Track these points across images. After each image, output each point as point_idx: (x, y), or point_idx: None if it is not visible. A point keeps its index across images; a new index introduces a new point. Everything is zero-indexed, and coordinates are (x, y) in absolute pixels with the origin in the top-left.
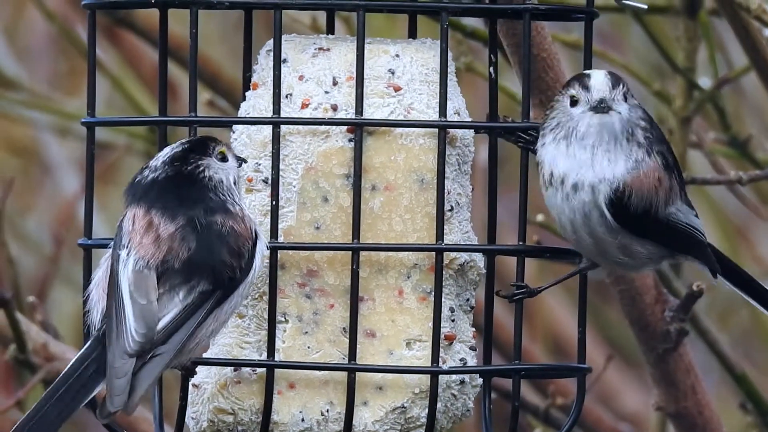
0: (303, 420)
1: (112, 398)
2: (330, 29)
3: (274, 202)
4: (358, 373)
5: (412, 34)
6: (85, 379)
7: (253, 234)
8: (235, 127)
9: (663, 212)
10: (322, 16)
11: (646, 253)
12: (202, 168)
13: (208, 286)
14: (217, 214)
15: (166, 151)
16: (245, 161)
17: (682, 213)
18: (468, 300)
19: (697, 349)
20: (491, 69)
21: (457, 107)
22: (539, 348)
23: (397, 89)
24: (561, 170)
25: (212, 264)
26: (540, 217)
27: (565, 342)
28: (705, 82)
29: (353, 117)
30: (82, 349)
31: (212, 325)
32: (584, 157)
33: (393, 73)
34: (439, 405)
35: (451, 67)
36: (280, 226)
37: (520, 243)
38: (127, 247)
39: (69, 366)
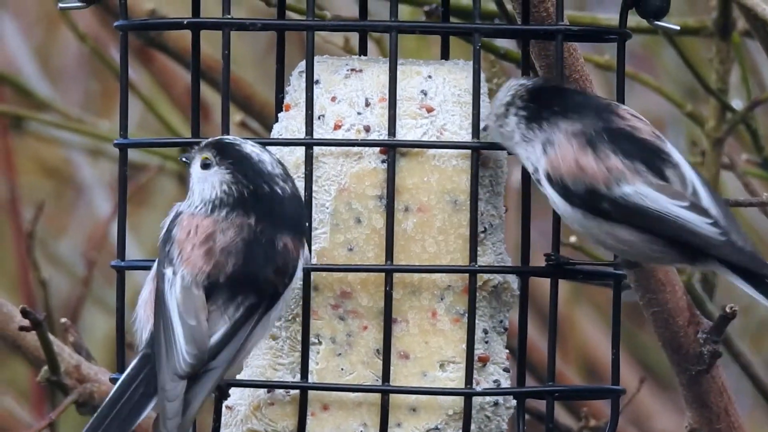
0: None
1: (166, 422)
2: (362, 50)
3: (307, 224)
4: (391, 395)
5: (445, 55)
6: (134, 402)
7: (299, 252)
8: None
9: (611, 193)
10: (354, 37)
11: (639, 242)
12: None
13: (254, 300)
14: (274, 230)
15: (270, 169)
16: None
17: (645, 196)
18: (501, 321)
19: (730, 371)
20: None
21: None
22: (572, 370)
23: (429, 110)
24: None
25: (257, 281)
26: (573, 239)
27: (598, 364)
28: (738, 103)
29: (386, 138)
30: (128, 370)
31: (260, 334)
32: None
33: (426, 94)
34: (472, 427)
35: (484, 88)
36: (313, 247)
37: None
38: (173, 264)
39: (116, 388)
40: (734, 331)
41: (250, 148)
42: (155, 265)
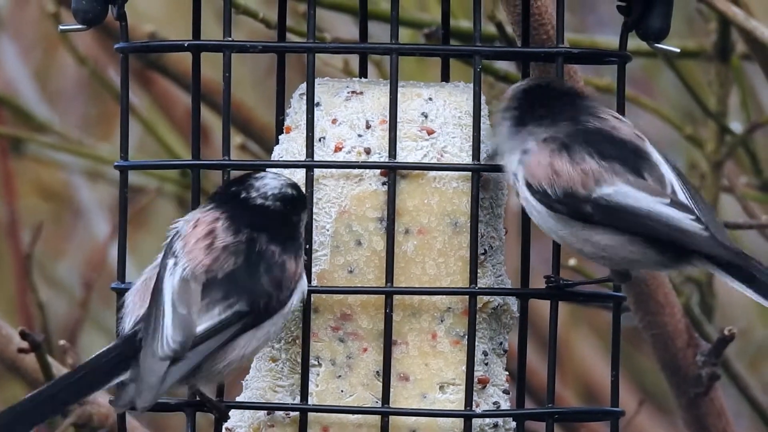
0: None
1: (141, 393)
2: (363, 73)
3: (307, 246)
4: (391, 417)
5: (445, 77)
6: (107, 368)
7: (299, 275)
8: (268, 170)
9: (591, 195)
10: (353, 60)
11: (618, 245)
12: (298, 218)
13: (245, 308)
14: (279, 245)
15: (275, 185)
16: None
17: (626, 195)
18: (501, 344)
19: (728, 393)
20: None
21: (490, 150)
22: (570, 393)
23: (430, 132)
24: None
25: (252, 287)
26: (572, 261)
27: (596, 387)
28: (737, 126)
29: (386, 160)
30: (110, 345)
31: (240, 350)
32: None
33: (426, 116)
34: None
35: (485, 111)
36: (313, 269)
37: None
38: (176, 255)
39: (92, 357)
40: (732, 353)
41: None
42: (158, 258)
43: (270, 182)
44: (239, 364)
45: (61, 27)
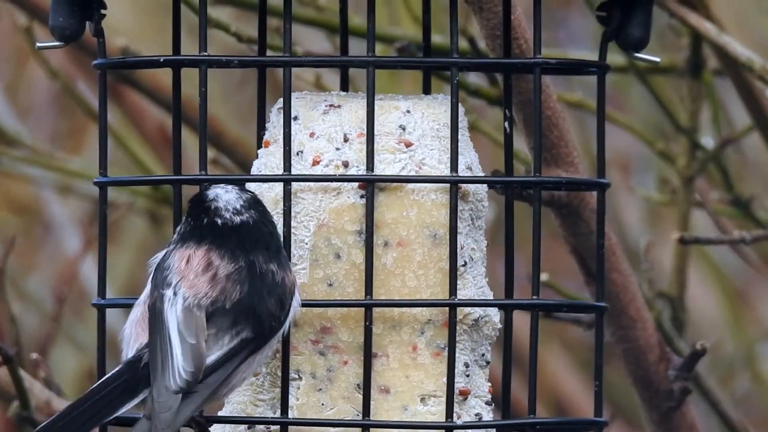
0: None
1: (158, 430)
2: (344, 86)
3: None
4: (372, 429)
5: (426, 90)
6: (112, 397)
7: (294, 288)
8: (246, 185)
9: None
10: (326, 74)
11: None
12: (268, 216)
13: (250, 335)
14: (273, 262)
15: (230, 197)
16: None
17: None
18: (483, 355)
19: (700, 408)
20: (506, 124)
21: (469, 162)
22: (541, 407)
23: (408, 145)
24: None
25: (259, 312)
26: (545, 277)
27: (566, 401)
28: (708, 141)
29: (364, 173)
30: (113, 371)
31: (244, 373)
32: None
33: (404, 128)
34: None
35: (464, 122)
36: None
37: (534, 297)
38: (172, 286)
39: (97, 383)
40: (704, 368)
41: (214, 189)
42: (146, 290)
43: (224, 196)
44: (238, 387)
45: (38, 44)
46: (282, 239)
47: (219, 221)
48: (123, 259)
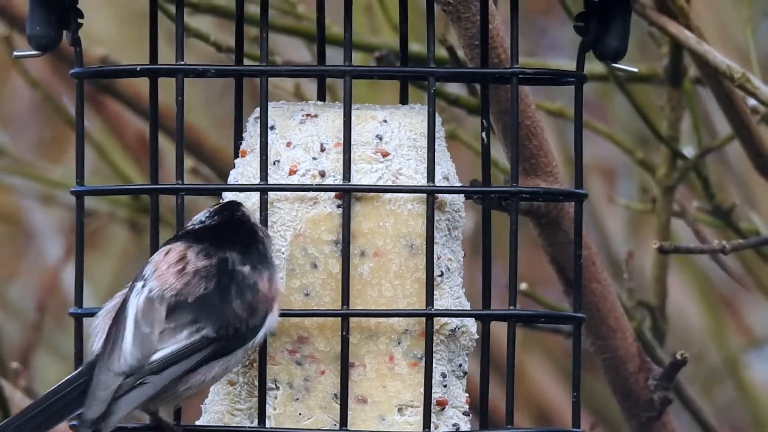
0: None
1: (90, 407)
2: (321, 96)
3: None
4: None
5: (404, 100)
6: (69, 398)
7: (272, 302)
8: (224, 194)
9: None
10: (305, 83)
11: None
12: (248, 214)
13: (213, 333)
14: (248, 265)
15: (203, 212)
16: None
17: None
18: (461, 365)
19: (680, 418)
20: (483, 134)
21: (446, 172)
22: (523, 416)
23: (385, 155)
24: None
25: (222, 311)
26: (523, 286)
27: (549, 410)
28: (689, 150)
29: (341, 183)
30: (74, 372)
31: (202, 376)
32: None
33: (381, 138)
34: None
35: (441, 132)
36: None
37: (512, 308)
38: (145, 278)
39: (56, 385)
40: (685, 377)
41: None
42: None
43: (199, 215)
44: (197, 391)
45: (15, 53)
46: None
47: (207, 222)
48: (105, 267)
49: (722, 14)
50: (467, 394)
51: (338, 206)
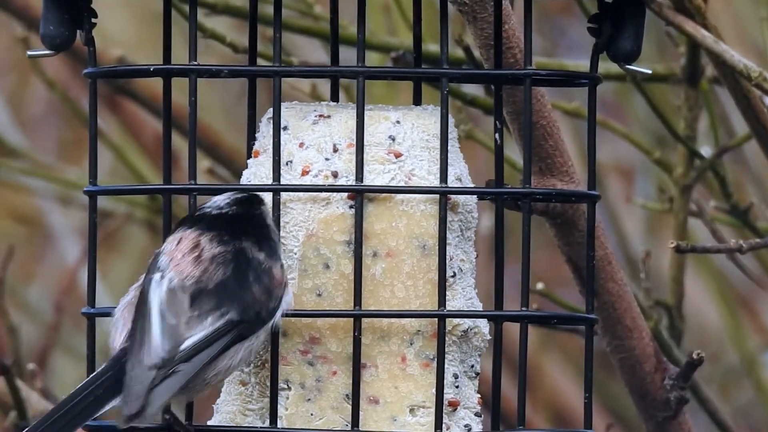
0: None
1: (128, 403)
2: (335, 97)
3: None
4: None
5: (417, 100)
6: (97, 394)
7: (285, 285)
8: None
9: None
10: (321, 84)
11: None
12: (265, 213)
13: (237, 317)
14: (263, 252)
15: (224, 196)
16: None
17: None
18: (473, 366)
19: (697, 418)
20: (497, 135)
21: (459, 173)
22: (540, 417)
23: (397, 155)
24: None
25: (244, 295)
26: (540, 286)
27: (567, 411)
28: (706, 150)
29: (354, 184)
30: (98, 369)
31: (229, 360)
32: None
33: (394, 139)
34: None
35: (453, 133)
36: None
37: (524, 309)
38: (161, 270)
39: (83, 383)
40: (701, 377)
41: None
42: (141, 277)
43: (218, 197)
44: (225, 376)
45: (29, 53)
46: (279, 245)
47: (214, 212)
48: (123, 268)
49: (739, 13)
50: (479, 395)
51: (351, 207)
